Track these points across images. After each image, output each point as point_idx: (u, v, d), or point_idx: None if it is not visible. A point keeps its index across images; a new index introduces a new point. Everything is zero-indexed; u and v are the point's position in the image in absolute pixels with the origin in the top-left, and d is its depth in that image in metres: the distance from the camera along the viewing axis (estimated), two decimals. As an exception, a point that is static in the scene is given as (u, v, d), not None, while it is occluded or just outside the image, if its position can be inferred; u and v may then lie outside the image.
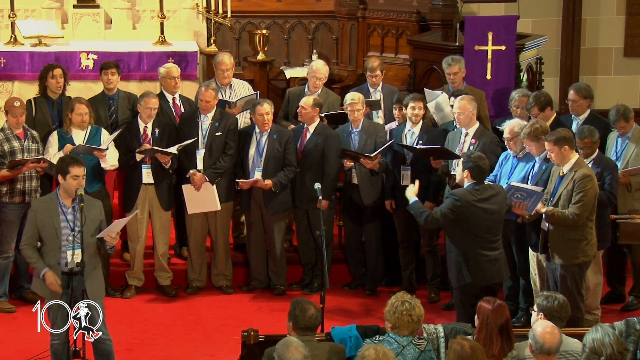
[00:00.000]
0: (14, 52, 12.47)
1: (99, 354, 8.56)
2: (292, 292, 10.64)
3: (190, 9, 13.35)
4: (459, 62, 11.07)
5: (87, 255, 8.27)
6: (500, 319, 6.94)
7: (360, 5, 13.80)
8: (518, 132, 9.54)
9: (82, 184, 8.32)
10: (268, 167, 10.46)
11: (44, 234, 8.32)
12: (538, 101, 10.23)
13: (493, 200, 8.82)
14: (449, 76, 11.08)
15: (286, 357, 6.38)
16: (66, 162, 8.37)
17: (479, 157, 8.86)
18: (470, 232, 8.77)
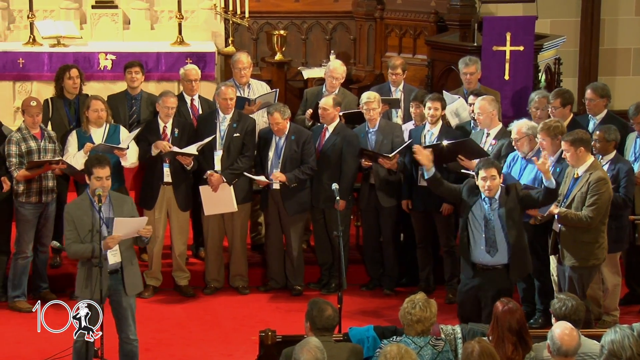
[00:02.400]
0: (33, 53, 12.53)
1: (125, 354, 8.58)
2: (310, 293, 10.63)
3: (208, 9, 13.38)
4: (476, 62, 11.06)
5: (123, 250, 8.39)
6: (511, 322, 6.92)
7: (378, 5, 13.79)
8: (526, 133, 9.50)
9: (105, 184, 8.33)
10: (285, 168, 10.46)
11: (82, 234, 8.35)
12: (562, 96, 10.15)
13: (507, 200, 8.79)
14: (465, 76, 11.05)
15: (298, 357, 6.39)
16: (91, 163, 8.42)
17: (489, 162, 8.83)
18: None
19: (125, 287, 8.43)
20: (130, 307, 8.54)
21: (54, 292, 10.33)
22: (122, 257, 8.42)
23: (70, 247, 8.39)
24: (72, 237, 8.37)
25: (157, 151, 10.33)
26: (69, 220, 8.39)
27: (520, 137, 9.53)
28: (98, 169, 8.32)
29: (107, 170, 8.36)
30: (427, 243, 10.58)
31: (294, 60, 13.85)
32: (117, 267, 8.41)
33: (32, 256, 10.24)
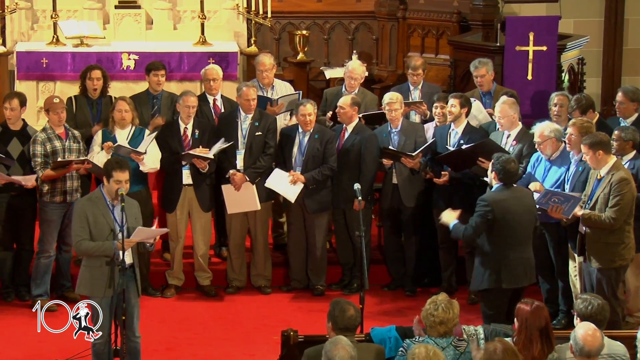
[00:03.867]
0: (56, 53, 12.57)
1: (130, 352, 8.58)
2: (332, 293, 10.63)
3: (231, 9, 13.39)
4: (486, 64, 11.03)
5: (134, 253, 8.44)
6: (540, 321, 6.90)
7: (401, 5, 13.78)
8: (548, 136, 9.46)
9: (124, 187, 8.38)
10: (308, 166, 10.47)
11: (95, 232, 8.37)
12: (580, 104, 10.15)
13: (522, 202, 8.74)
14: (477, 79, 11.06)
15: (332, 355, 6.39)
16: (111, 166, 8.43)
17: (507, 160, 8.73)
18: (503, 234, 8.67)
19: (138, 286, 8.48)
20: (138, 306, 8.58)
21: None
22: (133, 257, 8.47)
23: (82, 245, 8.38)
24: (83, 234, 8.37)
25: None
26: (82, 216, 8.38)
27: (543, 140, 9.49)
28: (118, 172, 8.34)
29: (126, 174, 8.38)
30: (450, 243, 10.54)
31: (316, 60, 13.85)
32: (128, 266, 8.44)
33: (55, 255, 10.28)
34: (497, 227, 8.65)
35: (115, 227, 8.33)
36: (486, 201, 8.66)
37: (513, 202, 8.66)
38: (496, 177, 8.74)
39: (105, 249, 8.31)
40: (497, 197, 8.68)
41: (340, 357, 6.39)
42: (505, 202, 8.64)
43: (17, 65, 12.55)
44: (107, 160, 8.74)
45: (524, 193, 8.87)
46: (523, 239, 8.75)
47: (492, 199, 8.66)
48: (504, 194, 8.69)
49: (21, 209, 10.25)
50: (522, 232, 8.73)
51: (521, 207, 8.69)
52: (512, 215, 8.63)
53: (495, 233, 8.67)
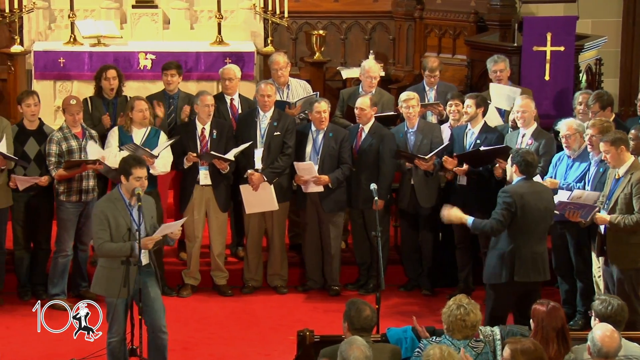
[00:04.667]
0: (73, 52, 12.60)
1: (156, 347, 8.62)
2: (348, 293, 10.62)
3: (248, 9, 13.40)
4: (504, 60, 11.04)
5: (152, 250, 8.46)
6: (556, 321, 6.90)
7: (418, 5, 13.75)
8: (577, 130, 9.46)
9: (144, 184, 8.41)
10: (324, 165, 10.46)
11: (115, 233, 8.38)
12: (601, 99, 10.10)
13: (541, 197, 8.75)
14: (495, 74, 11.03)
15: (348, 355, 6.38)
16: (129, 164, 8.43)
17: (526, 152, 8.81)
18: (520, 227, 8.68)
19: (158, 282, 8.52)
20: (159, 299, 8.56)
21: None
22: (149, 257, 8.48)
23: (104, 247, 8.37)
24: (105, 236, 8.37)
25: (189, 164, 10.33)
26: (102, 218, 8.39)
27: (572, 133, 9.48)
28: (137, 169, 8.37)
29: (145, 170, 8.44)
30: (467, 243, 10.52)
31: (333, 60, 13.83)
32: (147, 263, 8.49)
33: (72, 255, 10.30)
34: (515, 220, 8.67)
35: (133, 227, 8.34)
36: (508, 192, 8.70)
37: (533, 196, 8.68)
38: (517, 169, 8.75)
39: (127, 250, 8.32)
40: (518, 189, 8.70)
41: (356, 357, 6.38)
42: (525, 196, 8.65)
43: (35, 64, 12.58)
44: (123, 158, 8.73)
45: (543, 188, 8.88)
46: (539, 233, 8.76)
47: (513, 191, 8.70)
48: (524, 187, 8.72)
49: (38, 209, 10.29)
50: (539, 226, 8.74)
51: (540, 203, 8.69)
52: (530, 209, 8.64)
53: (513, 226, 8.69)
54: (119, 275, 8.34)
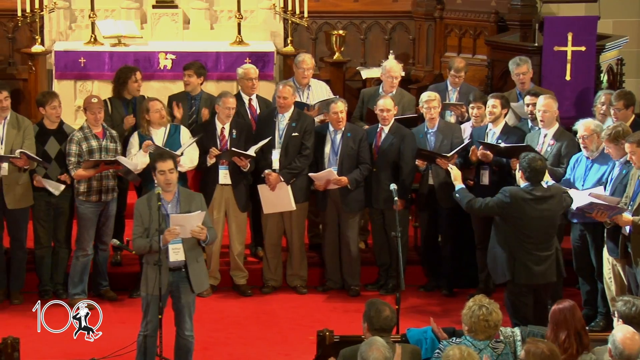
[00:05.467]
0: (94, 52, 12.66)
1: (179, 348, 8.65)
2: (367, 293, 10.61)
3: (268, 9, 13.42)
4: (527, 62, 11.00)
5: (188, 249, 8.46)
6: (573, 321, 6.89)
7: (438, 5, 13.72)
8: (595, 130, 9.42)
9: (169, 177, 8.41)
10: (343, 165, 10.46)
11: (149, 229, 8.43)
12: (625, 97, 10.03)
13: (548, 202, 8.73)
14: (518, 76, 11.00)
15: (367, 356, 6.37)
16: (153, 159, 8.58)
17: (533, 158, 8.76)
18: (518, 230, 8.73)
19: (192, 284, 8.51)
20: (188, 304, 8.60)
21: (114, 290, 10.44)
22: (186, 255, 8.45)
23: (135, 242, 8.51)
24: (137, 232, 8.48)
25: (212, 161, 10.35)
26: (137, 215, 8.50)
27: (590, 134, 9.44)
28: (160, 162, 8.43)
29: (169, 163, 8.44)
30: (486, 244, 10.47)
31: (353, 60, 13.82)
32: (181, 265, 8.46)
33: (93, 254, 10.33)
34: (512, 224, 8.76)
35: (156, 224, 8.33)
36: (508, 193, 8.75)
37: (534, 204, 8.68)
38: (522, 175, 8.73)
39: (153, 245, 8.35)
40: (520, 195, 8.73)
41: (375, 358, 6.38)
42: (525, 204, 8.69)
43: (55, 64, 12.64)
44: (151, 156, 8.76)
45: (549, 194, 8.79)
46: (539, 239, 8.78)
47: (514, 195, 8.74)
48: (528, 193, 8.70)
49: (59, 208, 10.33)
50: (539, 233, 8.76)
51: (541, 210, 8.70)
52: (528, 219, 8.69)
53: (510, 229, 8.77)
54: (152, 273, 8.40)
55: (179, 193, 8.53)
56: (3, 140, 10.07)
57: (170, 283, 8.38)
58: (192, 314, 8.65)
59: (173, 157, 8.65)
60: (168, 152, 8.69)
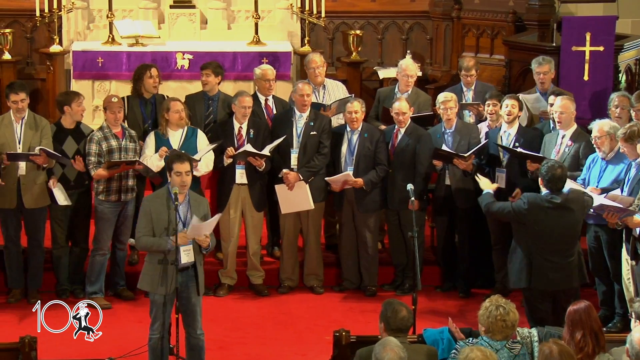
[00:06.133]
0: (112, 52, 12.69)
1: (191, 348, 8.66)
2: (384, 293, 10.60)
3: (285, 9, 13.42)
4: (549, 62, 10.96)
5: (197, 252, 8.48)
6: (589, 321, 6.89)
7: (455, 5, 13.70)
8: (608, 132, 9.38)
9: (185, 179, 8.41)
10: (359, 165, 10.46)
11: (157, 229, 8.44)
12: None
13: (569, 210, 8.65)
14: (539, 75, 10.96)
15: (382, 357, 6.37)
16: (170, 159, 8.56)
17: (552, 166, 8.67)
18: (537, 237, 8.65)
19: (199, 287, 8.52)
20: (199, 304, 8.63)
21: (131, 289, 10.45)
22: (195, 257, 8.48)
23: (141, 240, 8.49)
24: (145, 230, 8.46)
25: (229, 161, 10.36)
26: (146, 212, 8.48)
27: (602, 135, 9.40)
28: (177, 164, 8.42)
29: (186, 165, 8.45)
30: (503, 245, 10.46)
31: (370, 60, 13.81)
32: (189, 266, 8.48)
33: (110, 253, 10.36)
34: (530, 231, 8.67)
35: (179, 225, 8.35)
36: (527, 200, 8.68)
37: (553, 214, 8.60)
38: (542, 182, 8.68)
39: (160, 244, 8.38)
40: (539, 203, 8.64)
41: (390, 358, 6.37)
42: (544, 213, 8.60)
43: (73, 64, 12.68)
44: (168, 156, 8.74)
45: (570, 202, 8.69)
46: (558, 246, 8.68)
47: (532, 203, 8.65)
48: (548, 201, 8.62)
49: (77, 207, 10.36)
50: (559, 241, 8.67)
51: (563, 217, 8.62)
52: (546, 227, 8.60)
53: (528, 235, 8.70)
54: (158, 272, 8.41)
55: (189, 196, 8.53)
56: (21, 140, 10.11)
57: (179, 283, 8.38)
58: (201, 313, 8.68)
59: (190, 160, 8.65)
60: (186, 155, 8.69)
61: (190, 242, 8.43)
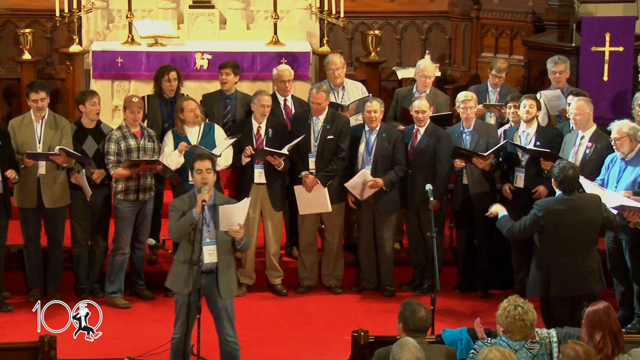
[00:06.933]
0: (131, 52, 12.73)
1: (225, 355, 8.62)
2: (402, 294, 10.60)
3: (304, 9, 13.44)
4: (565, 61, 10.96)
5: (222, 252, 8.42)
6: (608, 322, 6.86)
7: (475, 5, 13.69)
8: (627, 133, 9.35)
9: (206, 176, 8.38)
10: (377, 165, 10.46)
11: None
12: None
13: (584, 211, 8.62)
14: (555, 75, 10.95)
15: (399, 358, 6.36)
16: (192, 159, 8.56)
17: (564, 167, 8.65)
18: (554, 242, 8.61)
19: (219, 289, 8.45)
20: (226, 308, 8.52)
21: (150, 289, 10.49)
22: (219, 259, 8.46)
23: (172, 229, 8.41)
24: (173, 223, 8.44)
25: (247, 160, 10.37)
26: (176, 209, 8.42)
27: (621, 136, 9.37)
28: (198, 162, 8.43)
29: (207, 163, 8.42)
30: (522, 245, 10.44)
31: (389, 61, 13.81)
32: (213, 268, 8.44)
33: (129, 253, 10.39)
34: (548, 235, 8.62)
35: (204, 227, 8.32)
36: (540, 207, 8.64)
37: (570, 212, 8.57)
38: (555, 183, 8.66)
39: (186, 218, 8.28)
40: (552, 205, 8.61)
41: (407, 359, 6.36)
42: (560, 213, 8.57)
43: (93, 64, 12.73)
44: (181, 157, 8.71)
45: (585, 202, 8.70)
46: (578, 249, 8.63)
47: (546, 207, 8.62)
48: (561, 203, 8.61)
49: (96, 207, 10.39)
50: (577, 242, 8.63)
51: (579, 217, 8.59)
52: (566, 226, 8.56)
53: (546, 240, 8.66)
54: (182, 270, 8.39)
55: (215, 197, 8.51)
56: (41, 139, 10.15)
57: (203, 286, 8.37)
58: (231, 319, 8.55)
59: (212, 157, 8.64)
60: (207, 153, 8.70)
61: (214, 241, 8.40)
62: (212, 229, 8.38)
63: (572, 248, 8.62)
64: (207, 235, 8.36)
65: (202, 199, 8.23)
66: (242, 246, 8.55)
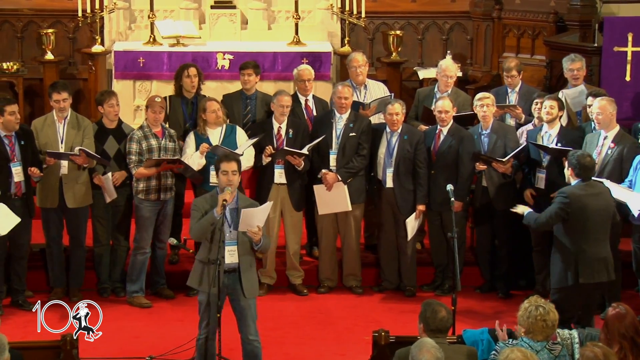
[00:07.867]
0: (153, 52, 12.77)
1: (247, 354, 8.63)
2: (423, 294, 10.59)
3: (325, 9, 13.45)
4: (581, 60, 10.95)
5: (243, 253, 8.42)
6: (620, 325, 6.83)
7: (496, 5, 13.65)
8: None
9: (231, 178, 8.37)
10: (399, 168, 10.44)
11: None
12: None
13: (600, 198, 8.71)
14: (572, 72, 10.91)
15: (418, 358, 6.36)
16: (218, 159, 8.55)
17: (582, 155, 8.75)
18: (580, 229, 8.65)
19: (244, 289, 8.45)
20: (249, 308, 8.53)
21: (171, 288, 10.51)
22: (240, 259, 8.46)
23: (193, 228, 8.41)
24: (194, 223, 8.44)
25: (267, 160, 10.38)
26: (198, 208, 8.42)
27: None
28: (224, 163, 8.41)
29: (232, 164, 8.41)
30: (544, 246, 10.42)
31: (410, 61, 13.79)
32: (235, 267, 8.44)
33: (151, 252, 10.42)
34: (573, 222, 8.66)
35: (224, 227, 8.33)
36: (566, 194, 8.69)
37: (591, 198, 8.66)
38: (572, 172, 8.69)
39: (207, 218, 8.30)
40: (576, 191, 8.69)
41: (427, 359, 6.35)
42: (584, 198, 8.65)
43: (115, 64, 12.77)
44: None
45: (601, 190, 8.82)
46: (599, 235, 8.70)
47: (571, 193, 8.69)
48: (582, 189, 8.68)
49: (117, 206, 10.43)
50: (598, 228, 8.69)
51: (598, 203, 8.67)
52: (589, 211, 8.63)
53: (572, 228, 8.68)
54: (204, 269, 8.40)
55: (238, 199, 8.52)
56: (63, 139, 10.19)
57: (226, 285, 8.38)
58: (254, 318, 8.57)
59: (238, 159, 8.63)
60: (234, 155, 8.69)
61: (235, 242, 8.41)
62: (234, 229, 8.39)
63: (594, 234, 8.67)
64: (229, 235, 8.36)
65: (224, 199, 8.24)
66: (259, 247, 8.53)
